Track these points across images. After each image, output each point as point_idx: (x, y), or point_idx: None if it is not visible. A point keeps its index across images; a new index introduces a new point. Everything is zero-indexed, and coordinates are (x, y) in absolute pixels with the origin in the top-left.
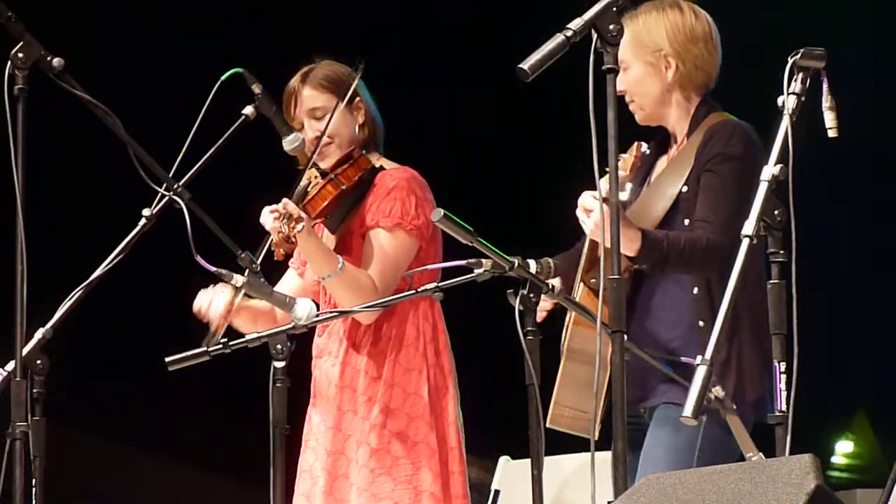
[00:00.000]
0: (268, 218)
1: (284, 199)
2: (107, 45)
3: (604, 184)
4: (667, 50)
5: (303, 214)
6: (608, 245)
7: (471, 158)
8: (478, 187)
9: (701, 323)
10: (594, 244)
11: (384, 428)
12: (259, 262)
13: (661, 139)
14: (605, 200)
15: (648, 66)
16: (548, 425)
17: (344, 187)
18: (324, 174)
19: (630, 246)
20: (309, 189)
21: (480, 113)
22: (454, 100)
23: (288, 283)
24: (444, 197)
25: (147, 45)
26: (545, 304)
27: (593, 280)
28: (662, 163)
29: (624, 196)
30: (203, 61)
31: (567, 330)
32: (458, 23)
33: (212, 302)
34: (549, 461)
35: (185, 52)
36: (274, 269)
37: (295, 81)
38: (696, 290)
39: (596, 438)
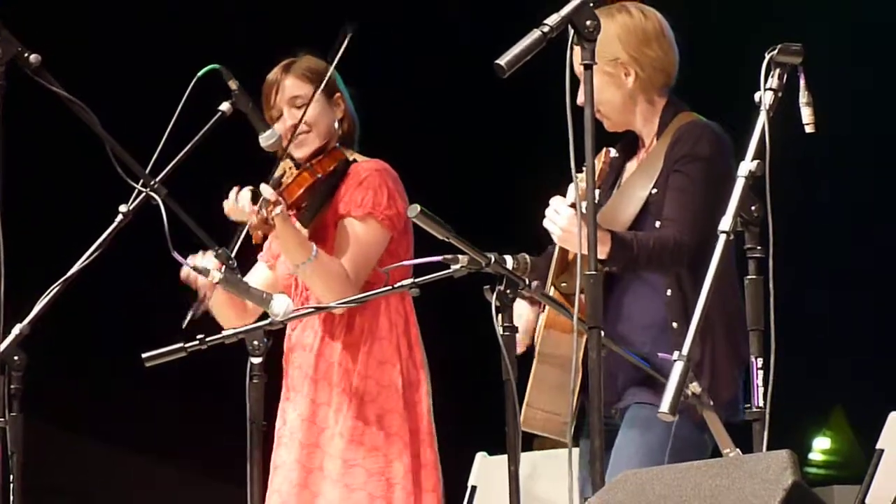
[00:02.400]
0: (245, 200)
1: (262, 185)
2: (82, 42)
3: (573, 189)
4: (623, 58)
5: (280, 198)
6: (581, 244)
7: (446, 155)
8: (453, 184)
9: (675, 324)
10: (564, 249)
11: (358, 419)
12: (234, 251)
13: (627, 143)
14: (573, 206)
15: (607, 77)
16: (521, 427)
17: (319, 175)
18: (298, 165)
19: (600, 248)
20: (284, 179)
21: (454, 110)
22: (428, 97)
23: (257, 275)
24: (421, 194)
25: (123, 40)
26: (528, 319)
27: (564, 284)
28: (631, 166)
29: None
30: (182, 57)
31: (538, 334)
32: (448, 23)
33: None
34: (524, 457)
35: (163, 47)
36: (247, 262)
37: (276, 72)
38: (669, 292)
39: (570, 440)
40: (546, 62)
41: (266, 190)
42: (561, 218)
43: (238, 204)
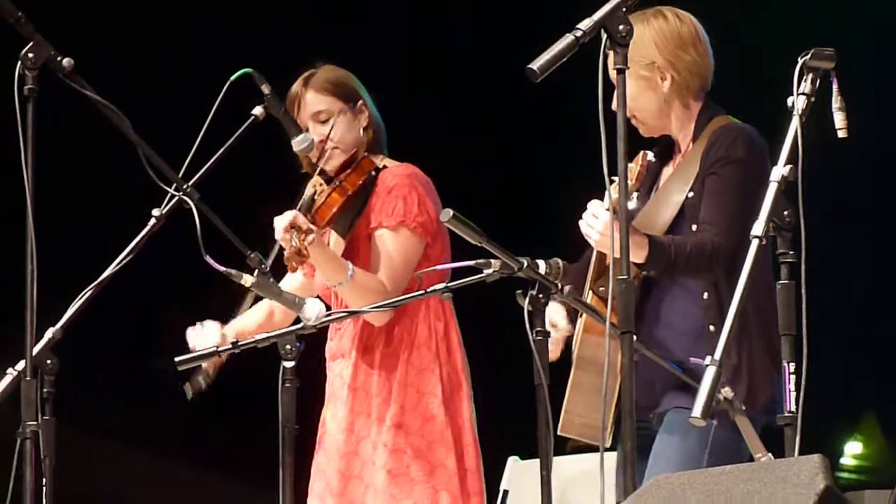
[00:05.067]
0: (280, 230)
1: (294, 212)
2: (116, 45)
3: (612, 193)
4: (659, 62)
5: (312, 227)
6: (616, 248)
7: (479, 160)
8: (486, 189)
9: (711, 328)
10: (602, 254)
11: (400, 429)
12: (270, 262)
13: (664, 148)
14: (611, 210)
15: (643, 81)
16: (559, 433)
17: (350, 193)
18: (328, 180)
19: (638, 252)
20: (315, 198)
21: (489, 115)
22: (463, 101)
23: (291, 282)
24: (452, 199)
25: (156, 44)
26: (560, 333)
27: (602, 288)
28: (668, 171)
29: (631, 205)
30: (212, 61)
31: (577, 338)
32: (463, 23)
33: (203, 342)
34: (556, 462)
35: (195, 52)
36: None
37: (297, 86)
38: (706, 296)
39: (607, 445)
40: (581, 66)
41: (298, 218)
42: (599, 222)
43: (275, 232)
